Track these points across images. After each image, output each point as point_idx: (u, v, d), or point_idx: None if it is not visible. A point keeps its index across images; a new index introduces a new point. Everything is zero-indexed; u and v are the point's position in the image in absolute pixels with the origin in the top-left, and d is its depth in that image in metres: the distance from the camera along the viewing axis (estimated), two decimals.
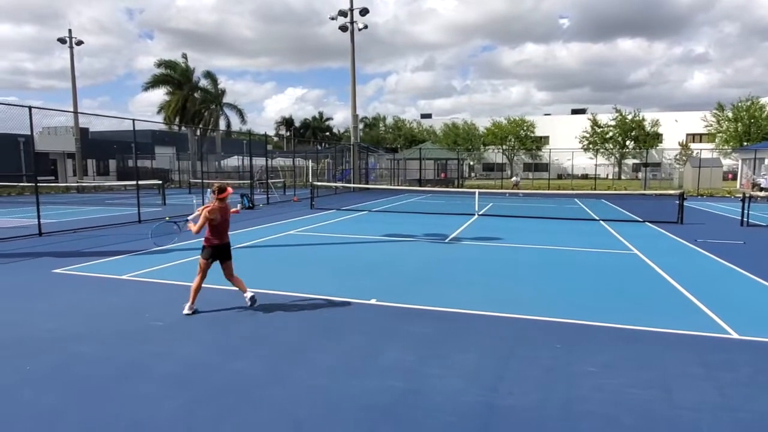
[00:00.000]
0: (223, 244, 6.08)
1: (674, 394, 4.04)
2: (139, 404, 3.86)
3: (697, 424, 3.60)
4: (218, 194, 5.97)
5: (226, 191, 6.05)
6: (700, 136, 60.07)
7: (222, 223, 6.01)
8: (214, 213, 5.90)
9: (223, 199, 6.00)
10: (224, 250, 6.09)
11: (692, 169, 34.41)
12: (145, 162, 43.93)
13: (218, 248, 6.03)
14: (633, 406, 3.84)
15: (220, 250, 6.04)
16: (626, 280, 7.99)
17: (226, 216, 6.08)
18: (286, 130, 75.72)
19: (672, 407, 3.83)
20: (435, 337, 5.33)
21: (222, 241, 6.07)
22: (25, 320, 5.87)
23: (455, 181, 42.28)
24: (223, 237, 6.08)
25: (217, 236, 6.01)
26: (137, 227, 14.19)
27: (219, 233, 6.02)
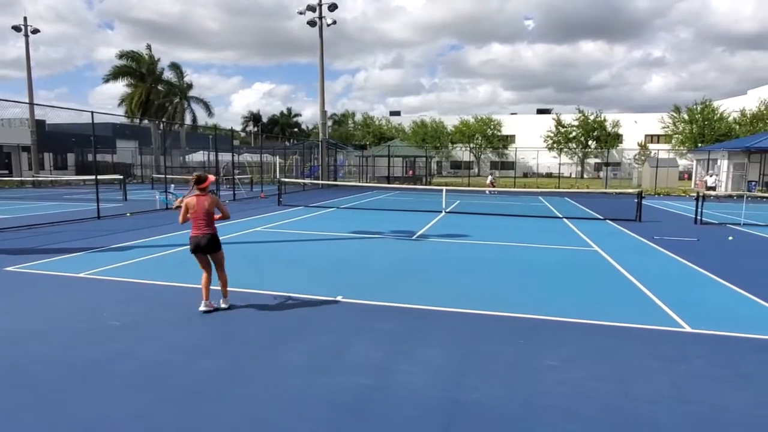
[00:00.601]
0: (198, 236, 5.83)
1: (631, 387, 4.19)
2: (97, 405, 3.74)
3: (653, 416, 3.74)
4: (197, 184, 5.82)
5: (206, 181, 5.87)
6: (658, 137, 62.26)
7: (196, 213, 5.80)
8: (192, 201, 5.80)
9: (203, 189, 5.83)
10: (201, 243, 5.82)
11: (650, 168, 35.67)
12: (105, 156, 42.48)
13: (194, 240, 5.83)
14: (593, 399, 3.96)
15: (197, 242, 5.82)
16: (587, 276, 8.22)
17: (201, 206, 5.82)
18: (253, 125, 74.57)
19: (629, 400, 3.97)
20: (401, 334, 5.36)
21: (197, 233, 5.84)
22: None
23: (423, 179, 42.55)
24: (200, 228, 5.83)
25: (193, 227, 5.86)
26: (96, 223, 13.73)
27: (194, 224, 5.85)
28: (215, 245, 5.90)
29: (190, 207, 5.80)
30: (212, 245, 5.87)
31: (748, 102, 49.75)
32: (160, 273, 7.82)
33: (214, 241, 5.88)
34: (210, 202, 5.86)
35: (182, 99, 43.29)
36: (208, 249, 5.86)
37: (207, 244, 5.83)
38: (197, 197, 5.83)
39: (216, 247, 5.91)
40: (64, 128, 46.23)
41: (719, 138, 47.05)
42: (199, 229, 5.83)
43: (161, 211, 17.06)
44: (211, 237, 5.85)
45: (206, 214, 5.84)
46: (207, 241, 5.83)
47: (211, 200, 5.90)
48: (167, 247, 10.19)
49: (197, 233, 5.83)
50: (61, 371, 4.33)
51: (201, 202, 5.82)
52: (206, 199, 5.86)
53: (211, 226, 5.88)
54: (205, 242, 5.82)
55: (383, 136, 65.80)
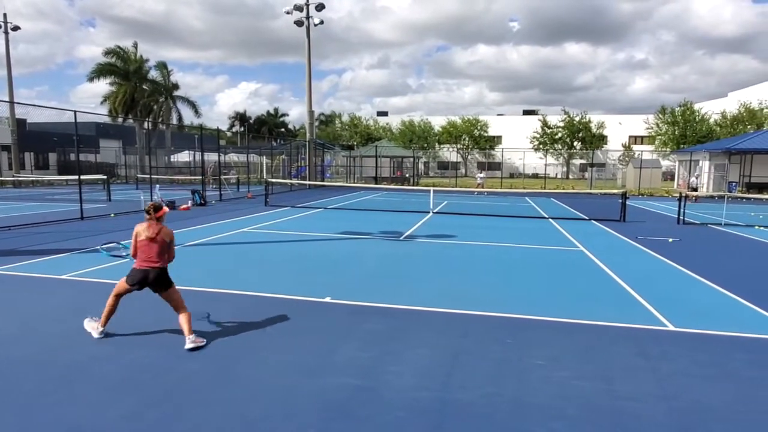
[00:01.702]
0: (145, 268, 4.89)
1: (616, 385, 4.24)
2: (81, 409, 3.69)
3: (637, 413, 3.79)
4: (153, 213, 5.04)
5: (161, 210, 5.11)
6: (642, 138, 63.15)
7: (148, 243, 4.92)
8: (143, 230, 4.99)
9: (159, 218, 5.05)
10: (150, 277, 4.90)
11: (634, 169, 36.16)
12: (88, 156, 41.83)
13: (140, 273, 4.91)
14: (578, 398, 4.00)
15: (143, 275, 4.90)
16: (572, 276, 8.31)
17: (155, 235, 4.95)
18: (240, 125, 74.07)
19: (614, 398, 4.02)
20: (389, 334, 5.37)
21: (144, 265, 4.90)
22: None
23: (411, 179, 42.63)
24: (150, 260, 4.91)
25: (140, 259, 4.96)
26: (79, 224, 13.53)
27: (142, 256, 4.95)
28: (165, 282, 5.00)
29: (140, 235, 4.96)
30: (161, 282, 4.97)
31: (729, 104, 50.73)
32: None
33: (163, 276, 4.98)
34: (165, 233, 5.03)
35: (168, 98, 42.83)
36: (156, 286, 4.97)
37: (155, 280, 4.92)
38: (150, 226, 4.99)
39: (166, 284, 5.02)
40: (46, 127, 45.43)
41: (701, 140, 47.88)
42: (148, 261, 4.91)
43: None
44: (160, 272, 4.95)
45: (160, 245, 4.95)
46: (156, 276, 4.92)
47: (167, 232, 5.06)
48: None
49: (145, 266, 4.90)
50: (43, 374, 4.26)
51: (154, 230, 4.96)
52: (161, 229, 5.02)
53: (162, 260, 4.96)
54: (154, 277, 4.91)
55: (371, 137, 65.79)
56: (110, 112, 40.37)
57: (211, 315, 5.88)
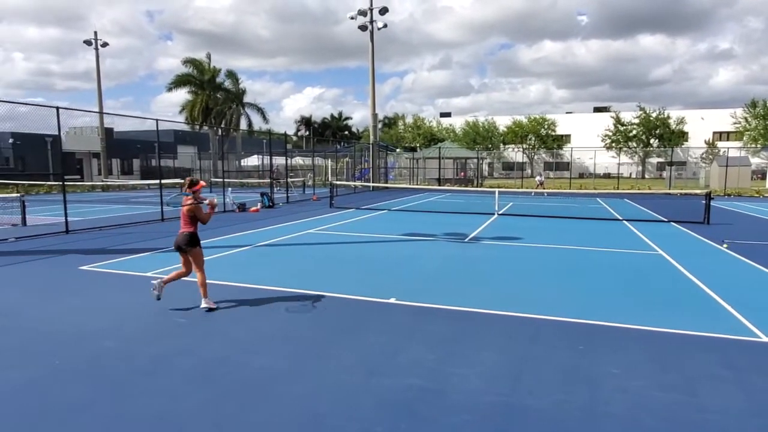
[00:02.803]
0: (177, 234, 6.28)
1: (700, 398, 3.96)
2: (163, 399, 3.93)
3: (723, 429, 3.52)
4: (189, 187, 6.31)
5: (197, 185, 6.32)
6: (728, 134, 58.62)
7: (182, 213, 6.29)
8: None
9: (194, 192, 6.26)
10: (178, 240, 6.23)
11: (719, 168, 33.61)
12: (167, 161, 44.68)
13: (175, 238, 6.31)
14: (657, 409, 3.77)
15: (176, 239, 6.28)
16: (650, 281, 7.84)
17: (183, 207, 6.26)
18: (305, 129, 76.22)
19: (698, 411, 3.76)
20: (454, 336, 5.32)
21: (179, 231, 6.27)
22: (54, 316, 6.04)
23: (475, 181, 42.02)
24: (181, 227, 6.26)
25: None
26: (160, 225, 14.45)
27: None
28: (190, 242, 6.17)
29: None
30: (187, 242, 6.17)
31: None
32: (224, 272, 8.13)
33: (190, 239, 6.18)
34: (188, 207, 6.19)
35: (239, 105, 44.84)
36: (183, 246, 6.18)
37: (182, 242, 6.17)
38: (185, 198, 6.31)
39: (191, 243, 6.18)
40: (130, 135, 49.10)
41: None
42: (180, 227, 6.25)
43: (219, 213, 17.74)
44: (184, 236, 6.18)
45: (185, 215, 6.20)
46: (183, 238, 6.18)
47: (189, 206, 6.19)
48: (229, 248, 10.58)
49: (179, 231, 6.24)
50: (129, 366, 4.59)
51: (184, 203, 6.27)
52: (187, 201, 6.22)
53: (188, 226, 6.19)
54: (181, 240, 6.18)
55: (434, 138, 65.52)
56: (187, 120, 42.81)
57: (282, 313, 6.09)
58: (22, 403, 3.86)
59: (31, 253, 10.08)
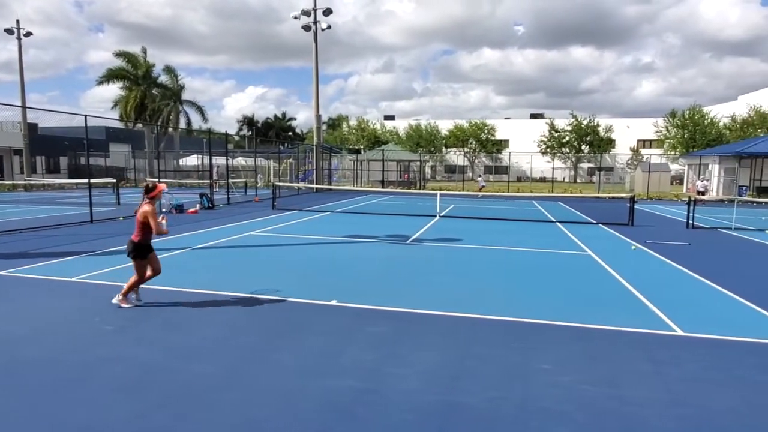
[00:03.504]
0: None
1: (624, 390, 4.21)
2: (89, 410, 3.72)
3: (645, 419, 3.76)
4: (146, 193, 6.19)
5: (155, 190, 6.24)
6: (650, 141, 62.72)
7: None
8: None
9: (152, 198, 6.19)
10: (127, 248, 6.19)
11: (642, 173, 35.95)
12: (98, 160, 42.23)
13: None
14: (585, 403, 3.98)
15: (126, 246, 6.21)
16: (580, 280, 8.26)
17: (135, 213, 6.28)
18: (248, 129, 74.49)
19: (622, 403, 3.99)
20: (394, 337, 5.37)
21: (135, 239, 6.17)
22: None
23: (418, 183, 42.62)
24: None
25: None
26: (89, 227, 13.65)
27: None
28: (133, 251, 6.06)
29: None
30: (129, 251, 6.08)
31: (739, 108, 50.28)
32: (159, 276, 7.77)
33: (133, 248, 6.07)
34: (141, 212, 6.02)
35: (176, 103, 43.16)
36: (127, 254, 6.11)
37: (127, 249, 6.11)
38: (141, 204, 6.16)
39: (135, 253, 6.05)
40: (57, 131, 45.97)
41: (710, 143, 47.53)
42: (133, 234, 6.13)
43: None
44: (129, 243, 6.11)
45: (138, 221, 6.06)
46: (127, 246, 6.12)
47: (143, 210, 6.03)
48: (164, 250, 10.11)
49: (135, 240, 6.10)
50: (53, 375, 4.30)
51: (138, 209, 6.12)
52: (142, 207, 6.08)
53: (136, 234, 6.07)
54: (127, 247, 6.12)
55: (378, 140, 65.87)
56: (121, 117, 40.69)
57: (220, 317, 5.91)
58: None
59: None
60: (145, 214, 5.98)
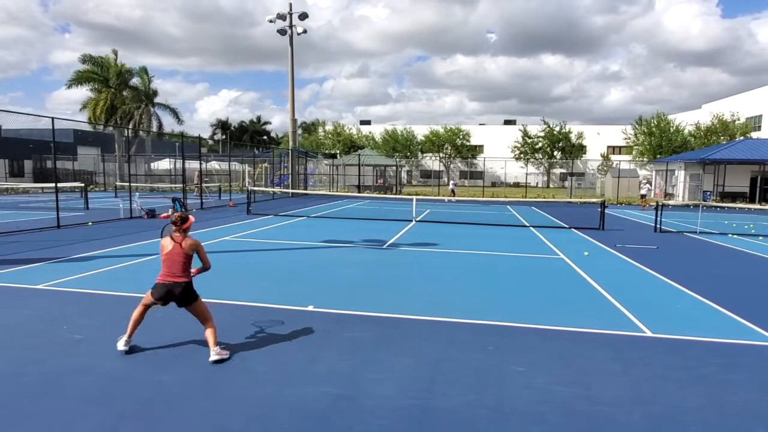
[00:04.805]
0: (169, 283, 4.77)
1: (594, 391, 4.30)
2: (54, 424, 3.60)
3: (613, 417, 3.85)
4: (179, 225, 4.86)
5: (188, 221, 4.92)
6: (620, 148, 64.39)
7: (171, 255, 4.81)
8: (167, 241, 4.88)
9: (185, 230, 4.88)
10: (175, 292, 4.76)
11: (612, 179, 36.82)
12: (66, 163, 41.09)
13: (164, 288, 4.77)
14: (557, 403, 4.04)
15: (168, 290, 4.76)
16: (553, 283, 8.41)
17: (179, 248, 4.80)
18: (222, 132, 73.55)
19: (592, 403, 4.08)
20: (371, 343, 5.37)
21: (169, 279, 4.77)
22: None
23: (394, 188, 42.75)
24: (173, 275, 4.77)
25: (164, 273, 4.84)
26: (56, 233, 13.26)
27: (166, 270, 4.83)
28: (190, 296, 4.84)
29: (164, 248, 4.84)
30: (186, 297, 4.82)
31: (702, 116, 52.09)
32: (124, 283, 7.61)
33: (188, 291, 4.82)
34: (190, 245, 4.85)
35: (148, 105, 42.35)
36: (182, 301, 4.83)
37: (181, 295, 4.78)
38: (175, 237, 4.84)
39: (191, 298, 4.86)
40: (21, 134, 44.50)
41: (676, 150, 48.98)
42: (172, 275, 4.77)
43: (125, 219, 16.62)
44: (185, 287, 4.80)
45: (184, 258, 4.81)
46: (181, 290, 4.76)
47: (192, 242, 4.89)
48: (131, 257, 9.92)
49: (169, 280, 4.77)
50: (15, 389, 4.16)
51: (178, 242, 4.81)
52: (185, 240, 4.85)
53: (186, 274, 4.83)
54: (180, 292, 4.76)
55: (354, 145, 65.88)
56: (90, 119, 39.70)
57: (192, 325, 5.80)
58: None
59: None
60: (197, 247, 4.89)
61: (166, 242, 4.87)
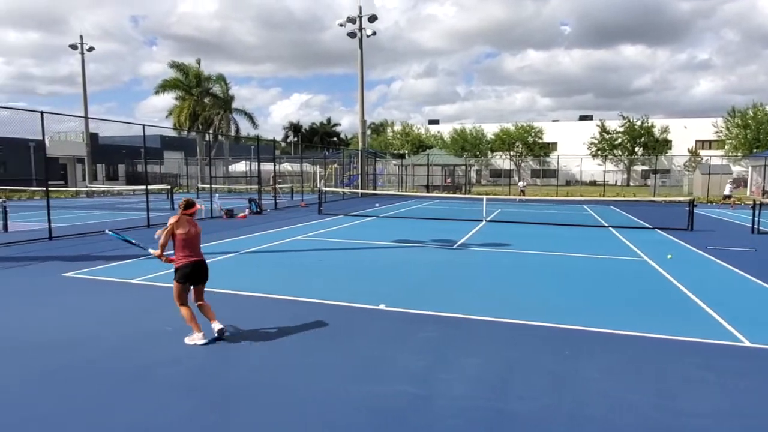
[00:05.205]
0: (200, 261, 5.33)
1: (681, 401, 4.01)
2: (143, 410, 3.88)
3: (706, 430, 3.56)
4: (185, 209, 5.32)
5: (194, 207, 5.42)
6: (710, 142, 59.68)
7: (195, 236, 5.33)
8: (183, 223, 5.24)
9: (191, 214, 5.39)
10: (201, 269, 5.34)
11: (702, 175, 34.19)
12: (154, 167, 44.30)
13: (195, 266, 5.27)
14: (638, 413, 3.81)
15: (196, 268, 5.28)
16: (635, 287, 7.94)
17: (197, 229, 5.40)
18: (293, 135, 76.10)
19: (678, 414, 3.80)
20: (443, 343, 5.33)
21: (198, 257, 5.33)
22: (35, 324, 5.94)
23: (463, 188, 42.24)
24: (198, 252, 5.37)
25: (191, 251, 5.28)
26: (146, 231, 14.29)
27: (193, 248, 5.31)
28: (206, 273, 5.47)
29: (181, 231, 5.22)
30: (205, 273, 5.44)
31: None
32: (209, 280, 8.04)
33: (205, 268, 5.45)
34: (198, 230, 5.44)
35: (227, 111, 44.64)
36: (200, 278, 5.37)
37: (203, 271, 5.38)
38: (189, 221, 5.33)
39: (206, 275, 5.48)
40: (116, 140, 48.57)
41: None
42: (197, 253, 5.34)
43: (206, 219, 17.61)
44: (205, 263, 5.43)
45: (199, 238, 5.45)
46: (203, 266, 5.38)
47: (198, 228, 5.46)
48: (215, 254, 10.49)
49: (196, 258, 5.30)
50: (110, 375, 4.52)
51: (193, 226, 5.35)
52: (195, 225, 5.41)
53: (201, 252, 5.45)
54: (202, 269, 5.37)
55: (422, 145, 65.79)
56: (174, 125, 42.48)
57: (269, 321, 6.05)
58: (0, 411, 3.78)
59: (13, 259, 9.91)
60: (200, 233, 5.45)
61: (183, 226, 5.25)
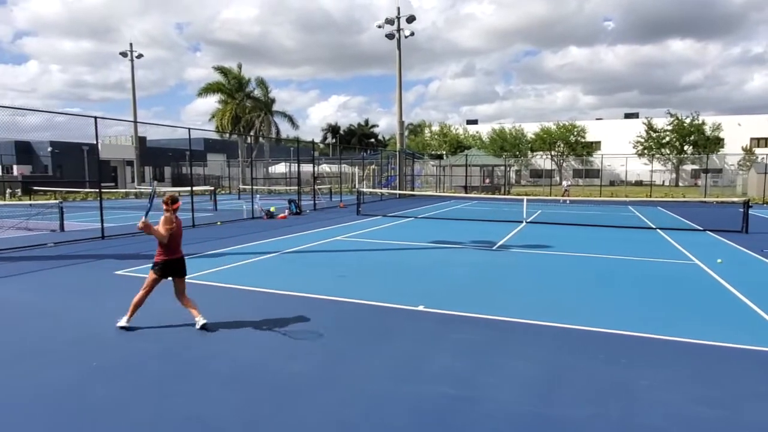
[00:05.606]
0: (177, 259, 5.69)
1: (745, 415, 3.80)
2: (197, 401, 3.99)
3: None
4: (172, 205, 5.63)
5: (178, 203, 5.72)
6: (766, 140, 56.66)
7: (178, 231, 5.70)
8: (170, 222, 5.56)
9: (175, 210, 5.66)
10: (178, 266, 5.71)
11: (757, 175, 32.45)
12: (197, 169, 45.69)
13: (176, 263, 5.68)
14: (696, 425, 3.64)
15: (176, 265, 5.68)
16: (686, 291, 7.60)
17: (179, 229, 5.71)
18: (332, 136, 76.93)
19: (741, 427, 3.61)
20: (484, 345, 5.25)
21: (176, 255, 5.69)
22: (91, 318, 6.21)
23: (502, 188, 41.63)
24: (179, 248, 5.75)
25: (175, 248, 5.69)
26: (191, 231, 14.74)
27: (176, 243, 5.70)
28: (184, 269, 5.81)
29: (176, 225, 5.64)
30: (183, 269, 5.78)
31: None
32: (251, 279, 8.24)
33: (183, 264, 5.79)
34: (180, 223, 5.74)
35: (267, 114, 45.56)
36: (178, 272, 5.73)
37: (180, 267, 5.74)
38: (176, 218, 5.66)
39: (185, 270, 5.81)
40: (162, 143, 50.42)
41: None
42: (177, 251, 5.71)
43: (247, 219, 18.01)
44: (183, 260, 5.80)
45: (180, 237, 5.76)
46: (180, 263, 5.74)
47: (180, 221, 5.75)
48: (257, 254, 10.72)
49: (178, 256, 5.70)
50: (165, 368, 4.68)
51: (178, 224, 5.67)
52: (179, 221, 5.72)
53: (181, 249, 5.79)
54: (180, 265, 5.73)
55: (460, 145, 65.23)
56: (217, 128, 43.69)
57: (310, 320, 6.12)
58: (62, 402, 3.97)
59: (69, 257, 10.41)
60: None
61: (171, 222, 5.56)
